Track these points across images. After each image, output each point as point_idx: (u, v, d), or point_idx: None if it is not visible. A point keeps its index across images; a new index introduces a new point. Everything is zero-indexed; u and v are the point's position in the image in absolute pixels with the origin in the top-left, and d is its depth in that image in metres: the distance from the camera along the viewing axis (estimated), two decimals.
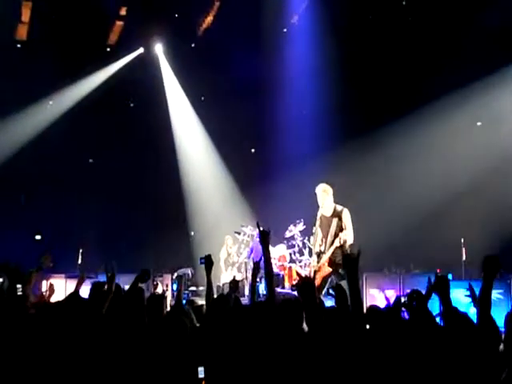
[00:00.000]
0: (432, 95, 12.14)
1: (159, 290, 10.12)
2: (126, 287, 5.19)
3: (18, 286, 4.24)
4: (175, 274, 12.00)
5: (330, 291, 4.49)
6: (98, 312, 4.06)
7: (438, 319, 4.11)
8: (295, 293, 10.45)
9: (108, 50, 14.20)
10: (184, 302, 6.46)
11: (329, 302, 5.71)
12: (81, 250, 11.32)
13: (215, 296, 4.78)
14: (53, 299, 5.91)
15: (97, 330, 3.77)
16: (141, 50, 14.60)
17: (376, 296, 9.14)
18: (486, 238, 10.54)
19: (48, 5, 12.60)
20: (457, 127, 12.09)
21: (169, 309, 6.34)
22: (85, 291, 5.71)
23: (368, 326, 3.76)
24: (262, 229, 4.26)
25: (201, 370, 3.89)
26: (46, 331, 3.50)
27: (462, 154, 12.00)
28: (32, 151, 13.69)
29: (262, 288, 11.07)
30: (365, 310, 4.80)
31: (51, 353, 3.42)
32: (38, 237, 14.07)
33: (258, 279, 10.95)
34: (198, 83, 14.56)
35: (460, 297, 4.69)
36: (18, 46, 13.35)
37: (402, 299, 4.52)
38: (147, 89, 14.46)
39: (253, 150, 15.44)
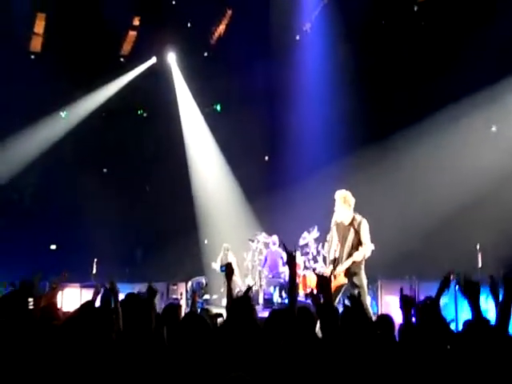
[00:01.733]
0: (446, 99, 12.09)
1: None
2: None
3: (30, 299, 4.18)
4: (189, 283, 12.03)
5: (346, 302, 4.48)
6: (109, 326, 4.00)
7: (452, 325, 4.08)
8: (309, 301, 10.43)
9: (121, 60, 14.33)
10: (199, 310, 6.50)
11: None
12: (95, 260, 11.39)
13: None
14: (68, 308, 5.94)
15: (109, 342, 3.74)
16: (154, 60, 14.73)
17: (391, 303, 9.07)
18: (502, 244, 10.44)
19: (62, 16, 12.75)
20: (471, 131, 12.03)
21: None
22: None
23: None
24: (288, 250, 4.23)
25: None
26: (63, 344, 3.49)
27: (478, 159, 11.93)
28: (46, 161, 13.82)
29: (276, 296, 11.07)
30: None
31: (65, 365, 3.40)
32: (53, 247, 14.18)
33: (272, 287, 11.01)
34: (210, 92, 14.63)
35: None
36: (32, 57, 13.50)
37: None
38: (160, 98, 14.57)
39: (266, 158, 15.47)
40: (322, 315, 3.53)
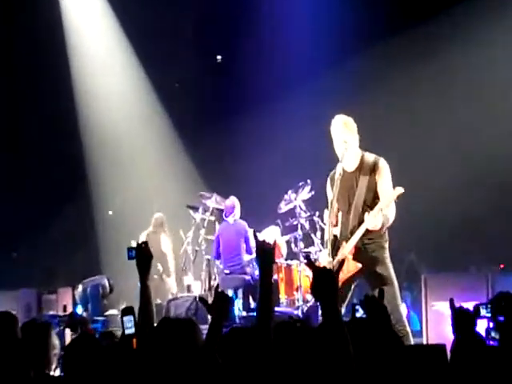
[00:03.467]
0: None
1: None
2: None
3: None
4: (79, 288, 12.06)
5: (358, 308, 4.52)
6: None
7: None
8: (296, 312, 10.54)
9: None
10: (97, 335, 6.54)
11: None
12: None
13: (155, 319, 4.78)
14: None
15: None
16: None
17: (444, 313, 9.21)
18: None
19: None
20: None
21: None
22: None
23: None
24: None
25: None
26: None
27: None
28: None
29: (237, 306, 11.15)
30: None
31: None
32: None
33: (230, 290, 11.16)
34: None
35: None
36: None
37: (483, 312, 4.60)
38: None
39: (219, 58, 15.47)
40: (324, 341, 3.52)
